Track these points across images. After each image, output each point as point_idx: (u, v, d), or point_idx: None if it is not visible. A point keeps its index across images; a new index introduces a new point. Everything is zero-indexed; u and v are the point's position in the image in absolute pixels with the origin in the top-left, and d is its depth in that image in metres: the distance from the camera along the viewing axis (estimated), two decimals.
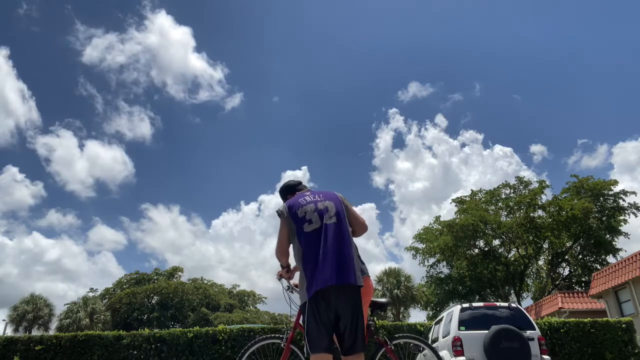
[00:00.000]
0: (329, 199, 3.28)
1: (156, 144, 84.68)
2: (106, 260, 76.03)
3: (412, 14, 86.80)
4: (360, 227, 3.41)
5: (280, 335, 3.75)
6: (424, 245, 36.17)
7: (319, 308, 2.88)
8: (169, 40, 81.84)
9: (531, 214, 32.44)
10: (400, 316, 39.79)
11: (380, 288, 39.27)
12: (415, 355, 7.10)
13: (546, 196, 33.64)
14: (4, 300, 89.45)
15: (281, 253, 3.36)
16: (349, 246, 3.07)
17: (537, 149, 72.37)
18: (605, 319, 12.04)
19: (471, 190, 37.23)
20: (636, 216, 31.21)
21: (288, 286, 3.85)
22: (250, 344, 3.83)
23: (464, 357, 7.39)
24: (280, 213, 3.30)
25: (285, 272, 3.59)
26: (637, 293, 19.76)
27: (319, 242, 3.02)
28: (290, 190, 3.69)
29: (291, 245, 3.29)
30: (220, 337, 11.61)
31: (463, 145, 74.32)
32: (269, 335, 3.86)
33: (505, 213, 34.31)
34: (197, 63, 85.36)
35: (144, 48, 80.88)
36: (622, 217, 31.50)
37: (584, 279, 33.03)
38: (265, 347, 3.93)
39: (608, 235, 31.40)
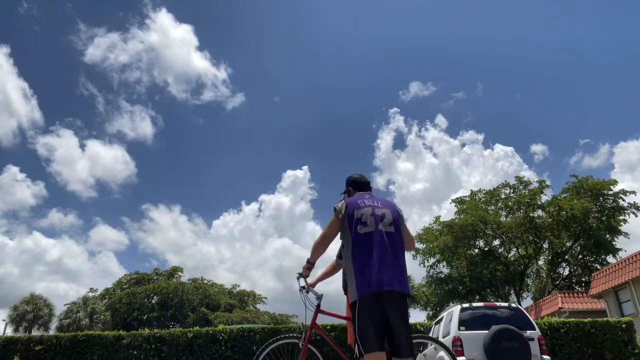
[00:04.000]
0: (387, 207, 3.35)
1: (158, 143, 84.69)
2: (107, 260, 76.02)
3: (413, 13, 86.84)
4: (409, 243, 3.50)
5: (298, 335, 3.73)
6: (424, 246, 36.17)
7: (374, 309, 2.95)
8: (171, 39, 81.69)
9: (531, 214, 32.45)
10: None
11: None
12: (415, 355, 7.11)
13: (546, 196, 33.71)
14: (4, 300, 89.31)
15: (320, 244, 3.41)
16: (403, 256, 3.20)
17: (538, 148, 72.23)
18: (605, 319, 12.01)
19: (471, 190, 37.32)
20: (636, 216, 31.19)
21: (304, 286, 3.78)
22: (268, 343, 3.79)
23: (464, 357, 7.38)
24: (337, 210, 3.35)
25: (307, 268, 3.62)
26: (637, 293, 19.76)
27: (372, 245, 3.08)
28: (355, 186, 3.69)
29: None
30: (220, 337, 11.62)
31: (463, 145, 74.27)
32: (286, 335, 3.81)
33: (505, 213, 34.31)
34: (200, 62, 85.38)
35: (147, 47, 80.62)
36: (622, 217, 31.47)
37: (584, 279, 33.02)
38: (281, 347, 3.89)
39: (608, 235, 31.34)
